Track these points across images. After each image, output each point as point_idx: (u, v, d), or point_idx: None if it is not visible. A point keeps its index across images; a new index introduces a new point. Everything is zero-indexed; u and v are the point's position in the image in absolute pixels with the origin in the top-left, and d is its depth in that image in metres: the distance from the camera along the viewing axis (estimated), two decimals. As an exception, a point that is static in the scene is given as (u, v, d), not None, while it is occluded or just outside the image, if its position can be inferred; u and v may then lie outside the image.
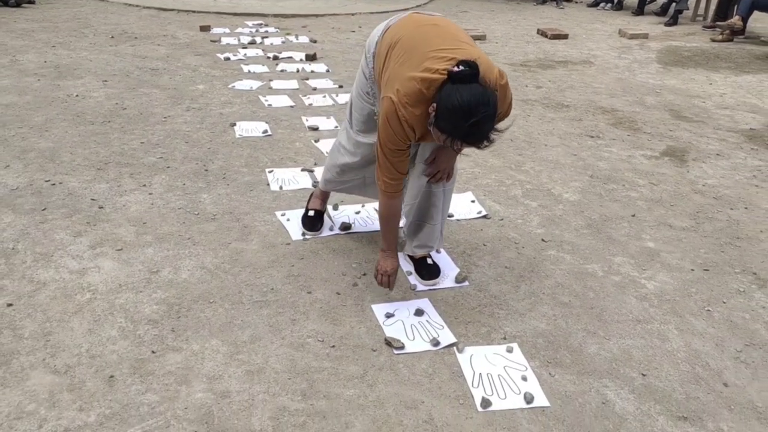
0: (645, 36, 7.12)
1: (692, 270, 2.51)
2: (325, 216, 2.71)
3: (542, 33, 7.09)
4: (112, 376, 1.80)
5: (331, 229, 2.68)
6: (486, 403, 1.78)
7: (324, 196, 2.67)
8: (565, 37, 6.98)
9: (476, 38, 6.70)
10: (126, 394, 1.74)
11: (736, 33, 7.05)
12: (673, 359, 2.00)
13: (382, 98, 1.91)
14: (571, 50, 6.44)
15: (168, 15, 7.31)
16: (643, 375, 1.92)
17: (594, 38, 7.06)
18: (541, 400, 1.81)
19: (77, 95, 4.24)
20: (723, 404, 1.83)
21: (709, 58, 6.27)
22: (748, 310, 2.27)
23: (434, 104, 1.78)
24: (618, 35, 7.24)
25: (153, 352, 1.91)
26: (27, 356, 1.86)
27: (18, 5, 7.12)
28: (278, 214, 2.77)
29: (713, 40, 7.02)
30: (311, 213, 2.65)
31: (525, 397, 1.81)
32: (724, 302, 2.31)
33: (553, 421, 1.74)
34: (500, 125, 1.81)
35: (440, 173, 2.19)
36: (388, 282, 2.16)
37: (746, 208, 3.07)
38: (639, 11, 8.55)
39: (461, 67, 1.73)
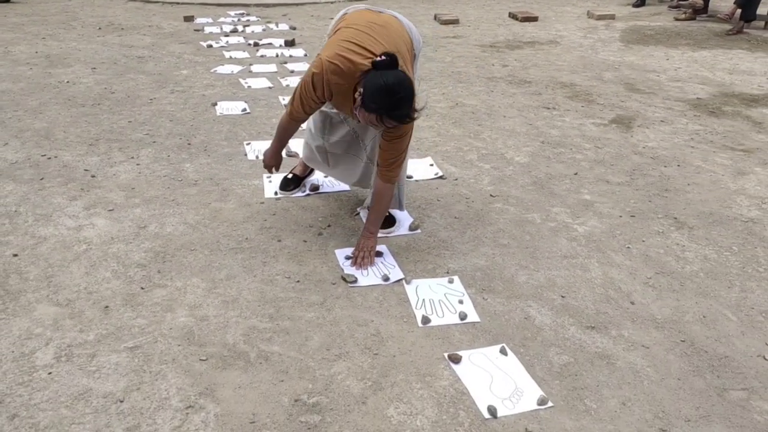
0: (612, 17, 7.43)
1: (620, 216, 2.84)
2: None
3: (513, 16, 7.39)
4: (107, 307, 2.11)
5: (302, 190, 2.99)
6: (425, 320, 2.10)
7: (306, 166, 2.98)
8: (535, 19, 7.28)
9: (450, 22, 7.00)
10: (119, 319, 2.05)
11: (699, 12, 7.37)
12: (591, 285, 2.33)
13: (317, 55, 2.22)
14: (539, 31, 6.74)
15: (153, 7, 7.56)
16: (563, 297, 2.25)
17: (563, 20, 7.36)
18: (473, 317, 2.13)
19: (68, 81, 4.52)
20: (627, 317, 2.16)
21: (670, 36, 6.59)
22: (663, 246, 2.60)
23: (360, 89, 2.09)
24: (586, 16, 7.54)
25: (142, 288, 2.22)
26: (33, 293, 2.17)
27: (7, 0, 7.35)
28: (265, 176, 3.07)
29: (676, 19, 7.34)
30: (290, 175, 2.97)
31: (459, 316, 2.13)
32: (644, 241, 2.64)
33: (481, 332, 2.06)
34: (417, 105, 2.12)
35: (360, 255, 2.37)
36: (273, 166, 2.60)
37: (679, 165, 3.40)
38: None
39: (383, 57, 2.06)
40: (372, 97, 2.05)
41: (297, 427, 1.67)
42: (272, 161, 2.62)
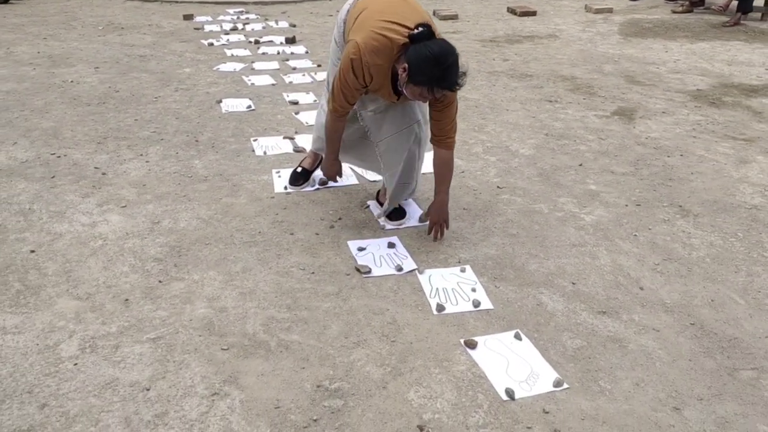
0: (609, 10, 7.47)
1: (626, 205, 2.88)
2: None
3: (512, 11, 7.43)
4: (127, 300, 2.15)
5: (312, 185, 3.02)
6: (440, 308, 2.14)
7: (315, 157, 3.00)
8: (533, 14, 7.31)
9: (449, 18, 7.03)
10: (140, 311, 2.09)
11: (696, 4, 7.41)
12: (600, 272, 2.37)
13: (348, 41, 2.21)
14: (538, 26, 6.78)
15: (152, 6, 7.56)
16: (573, 284, 2.29)
17: (561, 14, 7.40)
18: (486, 304, 2.17)
19: (72, 81, 4.54)
20: (637, 302, 2.20)
21: (668, 29, 6.63)
22: (670, 234, 2.65)
23: (404, 65, 2.10)
24: (584, 10, 7.58)
25: (160, 281, 2.26)
26: (53, 288, 2.21)
27: (6, 1, 7.36)
28: (274, 171, 3.11)
29: (674, 12, 7.38)
30: (299, 169, 3.00)
31: (473, 303, 2.17)
32: (650, 229, 2.68)
33: (495, 319, 2.11)
34: (463, 68, 2.14)
35: (437, 225, 2.48)
36: (335, 174, 2.61)
37: (681, 155, 3.44)
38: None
39: (420, 29, 2.08)
40: (420, 69, 2.06)
41: (321, 411, 1.71)
42: (333, 170, 2.62)
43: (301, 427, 1.66)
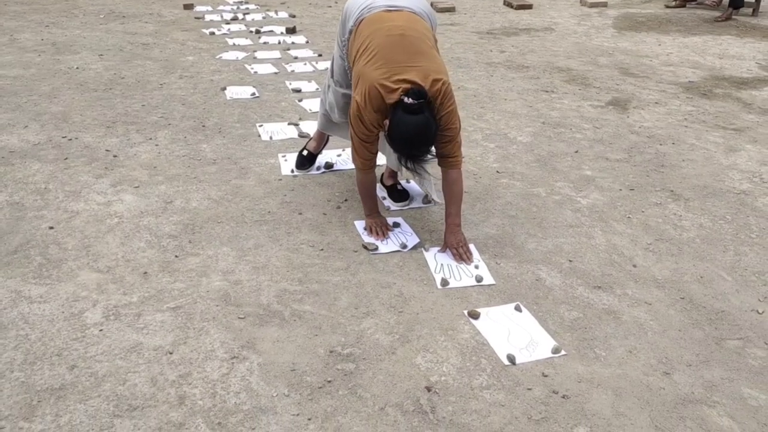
0: (604, 4, 7.59)
1: (620, 190, 3.00)
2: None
3: (508, 4, 7.53)
4: (146, 273, 2.25)
5: (318, 168, 3.12)
6: (444, 282, 2.26)
7: (320, 139, 3.09)
8: (529, 7, 7.42)
9: (446, 10, 7.13)
10: (159, 283, 2.19)
11: (689, -1, 7.55)
12: (595, 250, 2.49)
13: (353, 96, 2.30)
14: (534, 19, 6.89)
15: (151, -5, 7.61)
16: (570, 261, 2.41)
17: (557, 7, 7.51)
18: (488, 279, 2.29)
19: (77, 67, 4.61)
20: (630, 278, 2.32)
21: (661, 23, 6.76)
22: (662, 216, 2.77)
23: (387, 121, 2.23)
24: (579, 4, 7.70)
25: (176, 256, 2.36)
26: (74, 261, 2.30)
27: (6, -11, 7.37)
28: (280, 155, 3.21)
29: (667, 6, 7.51)
30: (305, 153, 3.10)
31: (476, 278, 2.29)
32: (643, 211, 2.81)
33: (496, 293, 2.22)
34: (444, 120, 2.25)
35: (455, 249, 2.40)
36: (383, 232, 2.51)
37: (673, 143, 3.57)
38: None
39: (410, 100, 2.12)
40: (394, 141, 2.22)
41: (334, 374, 1.82)
42: (377, 225, 2.53)
43: (316, 388, 1.77)
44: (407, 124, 2.15)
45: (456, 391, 1.78)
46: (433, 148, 2.27)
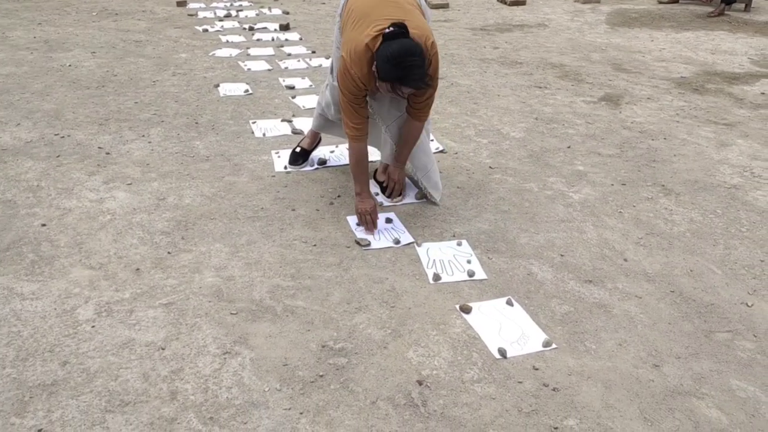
0: (597, 1, 7.60)
1: (612, 185, 3.02)
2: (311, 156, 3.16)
3: (502, 0, 7.53)
4: (138, 269, 2.25)
5: (311, 165, 3.13)
6: (436, 277, 2.27)
7: (314, 137, 3.10)
8: (523, 3, 7.43)
9: (440, 6, 7.13)
10: (151, 279, 2.19)
11: (681, -5, 7.57)
12: (587, 245, 2.51)
13: (339, 57, 2.34)
14: (527, 15, 6.90)
15: (144, -8, 7.58)
16: (561, 255, 2.43)
17: (550, 4, 7.53)
18: (480, 274, 2.30)
19: (70, 65, 4.60)
20: (621, 272, 2.34)
21: (654, 19, 6.78)
22: (653, 211, 2.79)
23: (375, 62, 2.23)
24: (572, 0, 7.71)
25: (169, 252, 2.36)
26: (66, 258, 2.30)
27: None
28: (273, 152, 3.21)
29: (660, 2, 7.53)
30: (298, 149, 3.10)
31: (468, 273, 2.30)
32: (634, 206, 2.82)
33: (488, 287, 2.23)
34: (432, 70, 2.24)
35: (397, 184, 2.69)
36: (371, 220, 2.52)
37: (665, 138, 3.59)
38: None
39: (392, 28, 2.18)
40: (383, 67, 2.19)
41: (326, 368, 1.83)
42: (365, 206, 2.52)
43: (308, 382, 1.78)
44: (391, 46, 2.15)
45: (447, 384, 1.79)
46: (421, 81, 2.18)
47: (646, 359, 1.91)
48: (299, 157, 3.10)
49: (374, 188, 2.88)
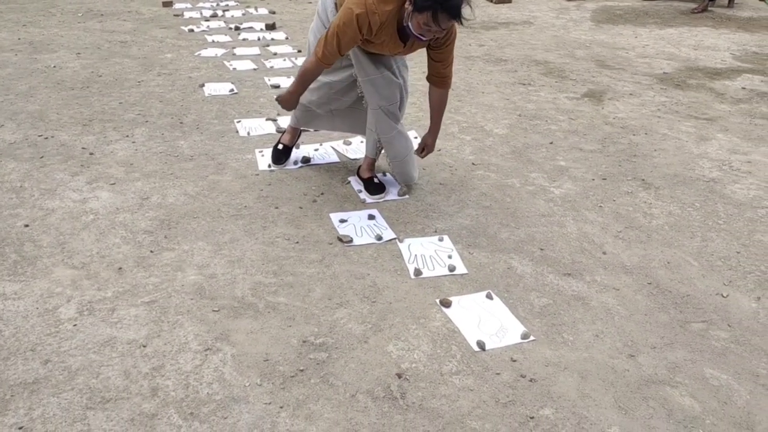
0: (583, -2, 7.65)
1: (593, 180, 3.05)
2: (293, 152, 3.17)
3: (488, -2, 7.56)
4: (120, 268, 2.26)
5: (295, 163, 3.14)
6: (417, 272, 2.29)
7: (294, 132, 3.11)
8: (509, 1, 7.46)
9: (426, 5, 7.14)
10: (134, 278, 2.21)
11: (666, -8, 7.62)
12: (567, 239, 2.54)
13: (349, 7, 2.26)
14: (513, 13, 6.94)
15: (130, -7, 7.57)
16: (541, 249, 2.46)
17: (536, 1, 7.57)
18: (461, 269, 2.32)
19: (54, 66, 4.59)
20: (600, 265, 2.37)
21: (638, 15, 6.83)
22: (632, 204, 2.82)
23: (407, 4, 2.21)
24: (558, -2, 7.75)
25: (151, 251, 2.37)
26: (48, 258, 2.31)
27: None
28: (257, 151, 3.23)
29: None
30: (280, 147, 3.11)
31: (449, 268, 2.32)
32: (614, 200, 2.86)
33: (468, 281, 2.26)
34: (465, 12, 2.22)
35: (428, 147, 2.80)
36: (290, 107, 2.65)
37: (646, 133, 3.63)
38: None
39: None
40: None
41: (307, 363, 1.85)
42: (290, 104, 2.64)
43: (288, 377, 1.80)
44: None
45: (426, 377, 1.82)
46: (457, 11, 2.16)
47: (622, 350, 1.94)
48: (282, 155, 3.11)
49: (357, 185, 2.90)
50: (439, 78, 2.58)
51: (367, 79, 2.60)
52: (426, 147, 2.81)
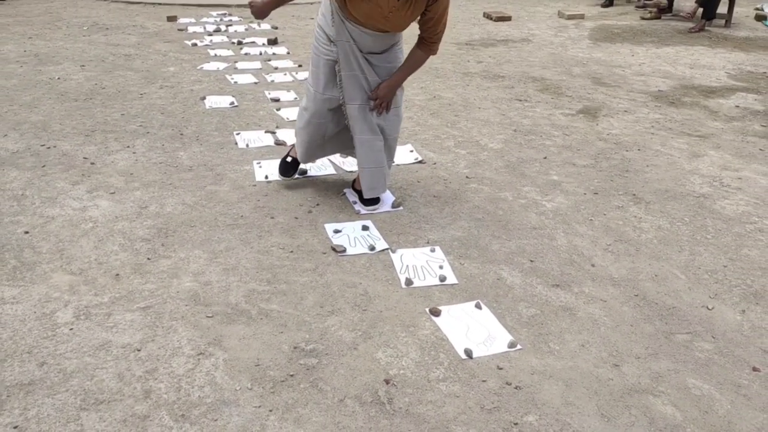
0: (581, 16, 7.76)
1: (584, 194, 3.10)
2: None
3: (488, 16, 7.68)
4: (117, 275, 2.31)
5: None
6: (408, 282, 2.34)
7: None
8: (508, 19, 7.57)
9: (426, 22, 7.25)
10: (130, 284, 2.25)
11: (664, 11, 7.73)
12: (556, 251, 2.58)
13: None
14: (512, 30, 7.03)
15: (136, 7, 7.69)
16: (531, 261, 2.50)
17: (535, 19, 7.67)
18: (451, 279, 2.37)
19: (59, 78, 4.67)
20: (588, 277, 2.41)
21: (635, 34, 6.92)
22: (622, 218, 2.87)
23: None
24: (557, 16, 7.86)
25: (148, 258, 2.42)
26: (47, 264, 2.36)
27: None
28: (255, 162, 3.28)
29: (643, 18, 7.69)
30: (289, 159, 3.13)
31: (440, 278, 2.37)
32: (605, 214, 2.91)
33: (458, 291, 2.30)
34: None
35: (380, 100, 2.66)
36: (261, 15, 2.67)
37: (639, 149, 3.68)
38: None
39: None
40: None
41: (297, 368, 1.89)
42: (261, 13, 2.66)
43: (279, 381, 1.84)
44: None
45: (413, 383, 1.85)
46: None
47: (607, 359, 1.98)
48: (290, 168, 3.12)
49: (351, 196, 2.95)
50: (423, 38, 2.58)
51: (350, 74, 2.62)
52: (378, 93, 2.65)
